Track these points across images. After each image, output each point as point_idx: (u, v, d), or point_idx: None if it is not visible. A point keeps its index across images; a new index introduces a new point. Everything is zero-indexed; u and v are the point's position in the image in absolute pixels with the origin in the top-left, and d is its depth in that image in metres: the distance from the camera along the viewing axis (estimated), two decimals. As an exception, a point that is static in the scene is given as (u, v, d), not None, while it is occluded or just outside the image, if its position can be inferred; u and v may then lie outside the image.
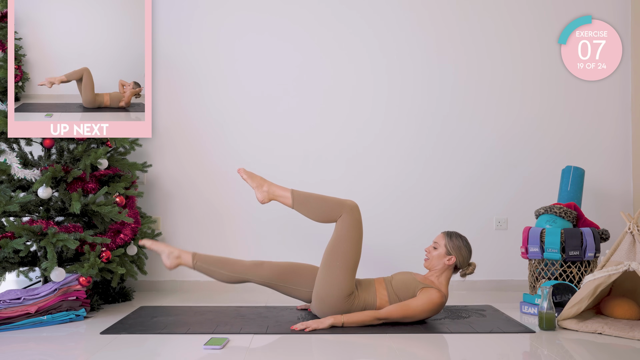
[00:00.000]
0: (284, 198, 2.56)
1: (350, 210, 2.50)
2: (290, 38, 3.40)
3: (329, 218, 2.53)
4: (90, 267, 2.62)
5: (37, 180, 2.66)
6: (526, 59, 3.42)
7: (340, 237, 2.48)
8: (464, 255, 2.54)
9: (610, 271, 2.32)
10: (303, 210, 2.55)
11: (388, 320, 2.40)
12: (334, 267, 2.45)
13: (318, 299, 2.47)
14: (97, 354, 2.03)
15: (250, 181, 2.62)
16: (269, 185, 2.60)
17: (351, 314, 2.40)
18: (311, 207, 2.53)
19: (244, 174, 2.63)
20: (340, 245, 2.47)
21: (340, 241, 2.47)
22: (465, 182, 3.39)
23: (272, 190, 2.59)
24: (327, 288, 2.44)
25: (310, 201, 2.54)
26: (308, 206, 2.54)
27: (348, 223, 2.49)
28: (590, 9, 3.40)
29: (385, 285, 2.51)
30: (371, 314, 2.39)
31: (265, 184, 2.60)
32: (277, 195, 2.58)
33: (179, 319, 2.57)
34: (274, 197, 2.58)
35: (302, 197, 2.55)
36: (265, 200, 2.59)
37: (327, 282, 2.44)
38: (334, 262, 2.46)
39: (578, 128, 3.41)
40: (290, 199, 2.55)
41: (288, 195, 2.56)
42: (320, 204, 2.53)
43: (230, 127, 3.38)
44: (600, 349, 2.12)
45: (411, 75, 3.41)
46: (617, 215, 3.36)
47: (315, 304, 2.50)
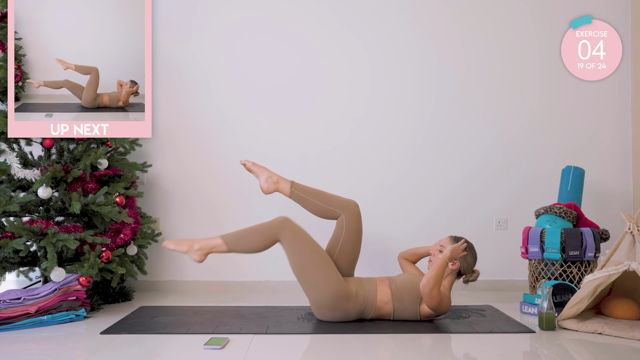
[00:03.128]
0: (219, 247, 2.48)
1: (284, 228, 2.46)
2: (290, 37, 3.40)
3: (269, 242, 2.48)
4: (90, 267, 2.62)
5: (37, 180, 2.66)
6: (526, 59, 3.42)
7: (295, 249, 2.47)
8: (469, 261, 2.55)
9: (610, 271, 2.32)
10: (242, 249, 2.49)
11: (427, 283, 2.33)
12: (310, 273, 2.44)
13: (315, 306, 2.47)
14: (97, 354, 2.03)
15: (179, 247, 2.49)
16: (199, 242, 2.49)
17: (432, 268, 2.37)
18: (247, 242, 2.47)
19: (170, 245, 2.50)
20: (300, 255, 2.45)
21: (298, 252, 2.46)
22: (465, 182, 3.39)
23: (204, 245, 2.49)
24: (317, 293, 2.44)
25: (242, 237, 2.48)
26: (243, 242, 2.47)
27: (290, 237, 2.45)
28: (590, 9, 3.40)
29: (389, 284, 2.51)
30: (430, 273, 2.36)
31: (195, 243, 2.49)
32: (211, 248, 2.48)
33: (179, 319, 2.57)
34: (209, 251, 2.49)
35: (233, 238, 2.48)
36: (202, 259, 2.49)
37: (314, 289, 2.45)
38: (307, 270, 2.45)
39: (578, 128, 3.42)
40: (224, 246, 2.47)
41: (220, 242, 2.47)
42: (253, 234, 2.47)
43: (231, 127, 3.38)
44: (600, 349, 2.12)
45: (410, 73, 3.41)
46: (617, 215, 3.36)
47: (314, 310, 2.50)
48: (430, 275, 2.33)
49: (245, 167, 2.74)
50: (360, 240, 2.65)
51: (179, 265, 3.35)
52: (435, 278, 2.33)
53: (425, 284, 2.32)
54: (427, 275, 2.34)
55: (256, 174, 2.73)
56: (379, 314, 2.50)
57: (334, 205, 2.64)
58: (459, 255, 2.45)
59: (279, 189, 2.70)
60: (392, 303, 2.47)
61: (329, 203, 2.65)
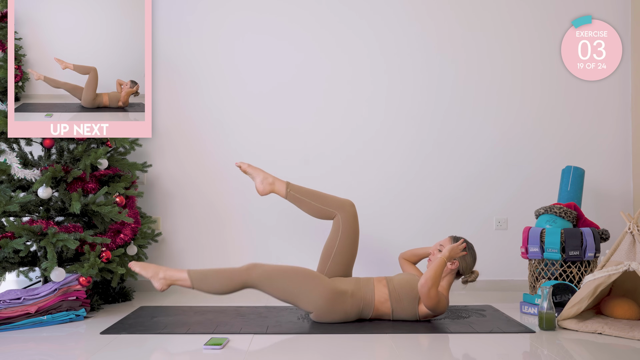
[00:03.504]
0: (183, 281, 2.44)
1: (253, 270, 2.42)
2: (290, 37, 3.40)
3: (235, 287, 2.43)
4: (90, 267, 2.62)
5: (37, 180, 2.66)
6: (526, 59, 3.42)
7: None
8: (468, 261, 2.55)
9: (610, 271, 2.32)
10: (205, 288, 2.45)
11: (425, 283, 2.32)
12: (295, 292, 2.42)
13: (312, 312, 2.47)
14: (97, 354, 2.03)
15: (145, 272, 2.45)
16: (165, 271, 2.45)
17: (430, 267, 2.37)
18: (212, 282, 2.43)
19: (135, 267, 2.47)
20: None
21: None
22: (465, 182, 3.39)
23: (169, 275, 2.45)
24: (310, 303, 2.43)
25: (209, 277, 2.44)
26: (208, 282, 2.43)
27: (260, 275, 2.42)
28: (590, 9, 3.39)
29: (387, 284, 2.51)
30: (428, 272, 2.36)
31: (160, 271, 2.46)
32: (174, 280, 2.45)
33: (179, 319, 2.57)
34: (172, 282, 2.45)
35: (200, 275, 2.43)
36: (164, 287, 2.45)
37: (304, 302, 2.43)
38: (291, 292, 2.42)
39: (578, 128, 3.41)
40: (188, 282, 2.43)
41: (185, 277, 2.43)
42: (219, 276, 2.43)
43: (231, 127, 3.38)
44: (600, 349, 2.12)
45: (411, 73, 3.40)
46: (617, 215, 3.36)
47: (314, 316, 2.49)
48: (428, 275, 2.33)
49: (241, 169, 2.75)
50: (357, 240, 2.65)
51: (179, 265, 3.34)
52: (434, 278, 2.32)
53: (423, 284, 2.32)
54: (425, 275, 2.34)
55: (251, 175, 2.74)
56: (378, 314, 2.50)
57: (330, 205, 2.65)
58: (457, 255, 2.45)
59: (274, 190, 2.70)
60: (390, 303, 2.47)
61: (325, 203, 2.65)
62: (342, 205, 2.64)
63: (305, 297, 2.41)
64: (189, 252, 3.35)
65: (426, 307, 2.41)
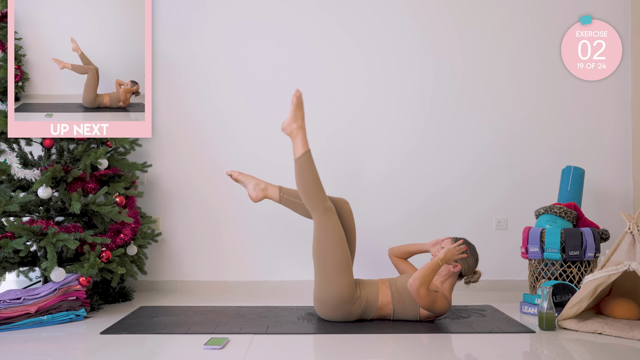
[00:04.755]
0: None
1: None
2: (289, 38, 3.40)
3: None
4: (90, 267, 2.62)
5: (37, 180, 2.66)
6: (526, 59, 3.42)
7: (319, 236, 2.47)
8: (470, 263, 2.54)
9: (610, 271, 2.32)
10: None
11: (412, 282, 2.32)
12: (326, 267, 2.44)
13: (319, 301, 2.47)
14: (97, 354, 2.03)
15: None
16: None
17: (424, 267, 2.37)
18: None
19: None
20: (324, 245, 2.45)
21: (322, 240, 2.46)
22: (464, 182, 3.39)
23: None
24: (326, 290, 2.43)
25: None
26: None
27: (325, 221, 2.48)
28: (590, 9, 3.40)
29: (389, 286, 2.51)
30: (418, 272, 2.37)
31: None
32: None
33: (179, 319, 2.57)
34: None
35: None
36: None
37: (324, 283, 2.44)
38: (324, 262, 2.44)
39: (578, 128, 3.42)
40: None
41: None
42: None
43: (230, 127, 3.38)
44: (600, 349, 2.12)
45: (408, 72, 3.41)
46: (617, 215, 3.36)
47: (317, 305, 2.50)
48: (418, 274, 2.32)
49: (232, 177, 2.75)
50: (355, 238, 2.65)
51: (179, 265, 3.35)
52: (422, 277, 2.31)
53: (411, 283, 2.31)
54: (415, 273, 2.33)
55: (243, 183, 2.73)
56: (380, 315, 2.51)
57: None
58: (454, 257, 2.43)
59: (267, 195, 2.69)
60: (392, 304, 2.47)
61: None
62: (336, 204, 2.63)
63: (328, 276, 2.42)
64: (188, 252, 3.35)
65: (421, 307, 2.40)
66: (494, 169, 3.40)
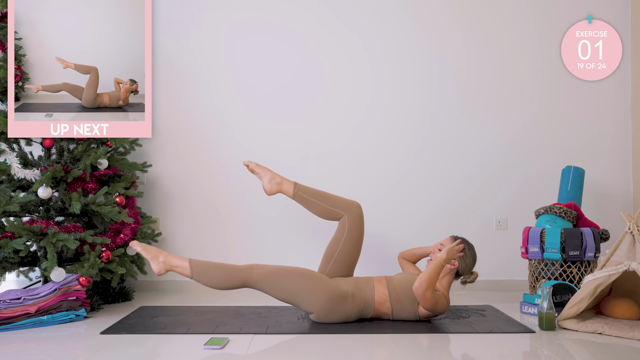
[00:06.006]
0: (182, 269, 2.43)
1: (255, 271, 2.42)
2: (290, 37, 3.40)
3: (232, 285, 2.42)
4: (90, 267, 2.62)
5: (37, 180, 2.66)
6: (526, 59, 3.42)
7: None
8: (467, 262, 2.54)
9: (610, 271, 2.32)
10: (204, 280, 2.43)
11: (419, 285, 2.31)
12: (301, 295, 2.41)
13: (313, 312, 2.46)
14: (97, 354, 2.03)
15: (145, 254, 2.45)
16: (165, 256, 2.45)
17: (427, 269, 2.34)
18: (212, 276, 2.42)
19: (137, 246, 2.47)
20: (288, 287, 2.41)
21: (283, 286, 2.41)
22: (465, 182, 3.39)
23: (169, 260, 2.44)
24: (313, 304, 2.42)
25: (209, 270, 2.42)
26: (208, 275, 2.42)
27: (261, 275, 2.41)
28: (590, 9, 3.40)
29: (386, 284, 2.51)
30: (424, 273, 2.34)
31: (161, 254, 2.45)
32: (173, 266, 2.43)
33: (179, 319, 2.57)
34: (171, 268, 2.44)
35: (201, 267, 2.43)
36: (162, 272, 2.44)
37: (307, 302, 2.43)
38: (296, 295, 2.42)
39: (578, 128, 3.41)
40: (188, 270, 2.42)
41: (186, 265, 2.42)
42: (221, 272, 2.42)
43: (231, 127, 3.38)
44: (600, 349, 2.12)
45: (411, 73, 3.40)
46: (617, 215, 3.36)
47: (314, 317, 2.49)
48: (424, 277, 2.32)
49: (248, 168, 2.74)
50: (362, 241, 2.65)
51: (179, 265, 3.34)
52: (429, 280, 2.31)
53: (417, 287, 2.31)
54: (420, 277, 2.33)
55: (259, 175, 2.73)
56: (378, 314, 2.50)
57: (337, 206, 2.64)
58: (455, 256, 2.44)
59: (282, 190, 2.70)
60: (389, 303, 2.47)
61: (332, 204, 2.65)
62: (349, 207, 2.64)
63: (306, 298, 2.41)
64: (189, 252, 3.35)
65: (424, 308, 2.41)
66: (494, 169, 3.39)
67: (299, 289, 2.40)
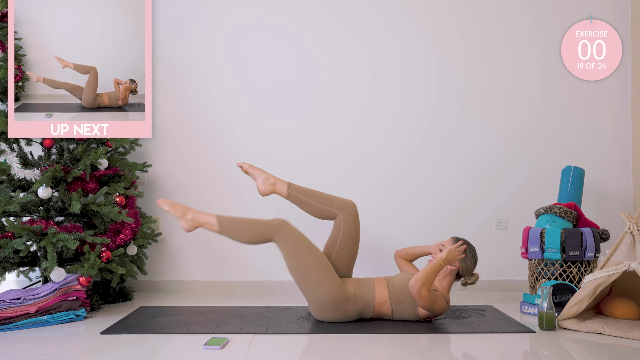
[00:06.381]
0: (210, 225, 2.46)
1: (279, 230, 2.44)
2: (290, 37, 3.40)
3: (260, 240, 2.45)
4: (90, 267, 2.62)
5: (37, 180, 2.66)
6: (526, 59, 3.42)
7: (290, 253, 2.45)
8: (468, 264, 2.54)
9: (610, 271, 2.32)
10: (232, 236, 2.46)
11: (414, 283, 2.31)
12: (309, 277, 2.43)
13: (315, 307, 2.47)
14: (97, 354, 2.03)
15: (173, 212, 2.48)
16: (193, 213, 2.48)
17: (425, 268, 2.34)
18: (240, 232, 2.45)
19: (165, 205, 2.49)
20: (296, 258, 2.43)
21: (294, 255, 2.44)
22: (465, 182, 3.39)
23: (197, 218, 2.47)
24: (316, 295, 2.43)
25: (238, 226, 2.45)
26: (237, 231, 2.45)
27: (286, 240, 2.44)
28: (590, 9, 3.40)
29: (387, 284, 2.51)
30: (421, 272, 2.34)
31: (189, 212, 2.48)
32: (202, 223, 2.47)
33: (179, 319, 2.57)
34: (200, 224, 2.48)
35: (229, 223, 2.46)
36: (191, 229, 2.48)
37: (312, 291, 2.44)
38: (304, 275, 2.43)
39: (578, 128, 3.42)
40: (216, 226, 2.45)
41: (214, 222, 2.45)
42: (249, 228, 2.45)
43: (230, 127, 3.38)
44: (600, 349, 2.12)
45: (410, 72, 3.41)
46: (617, 215, 3.36)
47: (313, 311, 2.49)
48: (420, 275, 2.32)
49: (242, 169, 2.74)
50: (358, 241, 2.65)
51: (179, 265, 3.35)
52: (424, 278, 2.31)
53: (412, 284, 2.31)
54: (417, 274, 2.33)
55: (253, 176, 2.73)
56: (378, 314, 2.51)
57: (332, 206, 2.64)
58: (456, 258, 2.43)
59: (276, 190, 2.69)
60: (389, 304, 2.47)
61: (327, 204, 2.64)
62: (343, 206, 2.63)
63: (312, 284, 2.42)
64: (188, 252, 3.35)
65: (421, 307, 2.40)
66: (494, 169, 3.39)
67: (310, 272, 2.42)
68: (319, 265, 2.44)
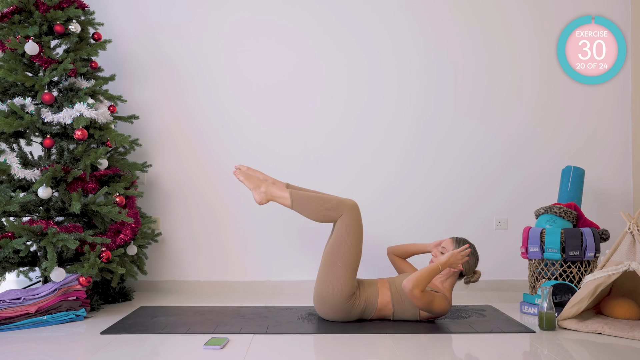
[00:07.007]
0: (283, 199, 2.51)
1: (350, 210, 2.47)
2: (289, 38, 3.40)
3: (328, 218, 2.49)
4: (90, 267, 2.62)
5: (37, 180, 2.65)
6: (525, 59, 3.42)
7: (340, 237, 2.46)
8: (471, 263, 2.54)
9: (610, 271, 2.33)
10: (302, 211, 2.50)
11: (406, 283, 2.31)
12: (335, 267, 2.44)
13: (320, 299, 2.47)
14: (97, 354, 2.03)
15: (247, 183, 2.56)
16: (267, 186, 2.54)
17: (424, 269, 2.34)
18: (310, 208, 2.49)
19: (240, 175, 2.57)
20: (341, 246, 2.45)
21: (341, 241, 2.45)
22: (464, 182, 3.39)
23: (270, 191, 2.54)
24: (328, 289, 2.43)
25: (309, 201, 2.49)
26: (307, 206, 2.49)
27: (348, 223, 2.46)
28: (590, 9, 3.40)
29: (389, 286, 2.51)
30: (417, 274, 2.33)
31: (263, 185, 2.54)
32: (275, 197, 2.53)
33: (179, 319, 2.57)
34: (272, 198, 2.53)
35: (301, 198, 2.50)
36: (263, 201, 2.54)
37: (328, 282, 2.44)
38: (334, 262, 2.44)
39: (578, 128, 3.41)
40: (289, 200, 2.50)
41: (287, 196, 2.50)
42: (320, 204, 2.49)
43: (230, 127, 3.38)
44: (600, 349, 2.12)
45: (408, 73, 3.40)
46: (617, 215, 3.36)
47: (317, 303, 2.50)
48: (413, 276, 2.31)
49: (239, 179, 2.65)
50: (362, 241, 2.64)
51: (179, 265, 3.35)
52: (417, 280, 2.29)
53: (405, 284, 2.30)
54: (412, 275, 2.32)
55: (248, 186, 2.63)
56: (380, 315, 2.51)
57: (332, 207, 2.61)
58: (458, 262, 2.42)
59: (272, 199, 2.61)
60: (392, 305, 2.47)
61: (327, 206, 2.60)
62: (344, 206, 2.62)
63: (334, 275, 2.42)
64: (188, 252, 3.35)
65: (418, 308, 2.40)
66: (494, 169, 3.39)
67: (340, 264, 2.43)
68: (352, 264, 2.45)
